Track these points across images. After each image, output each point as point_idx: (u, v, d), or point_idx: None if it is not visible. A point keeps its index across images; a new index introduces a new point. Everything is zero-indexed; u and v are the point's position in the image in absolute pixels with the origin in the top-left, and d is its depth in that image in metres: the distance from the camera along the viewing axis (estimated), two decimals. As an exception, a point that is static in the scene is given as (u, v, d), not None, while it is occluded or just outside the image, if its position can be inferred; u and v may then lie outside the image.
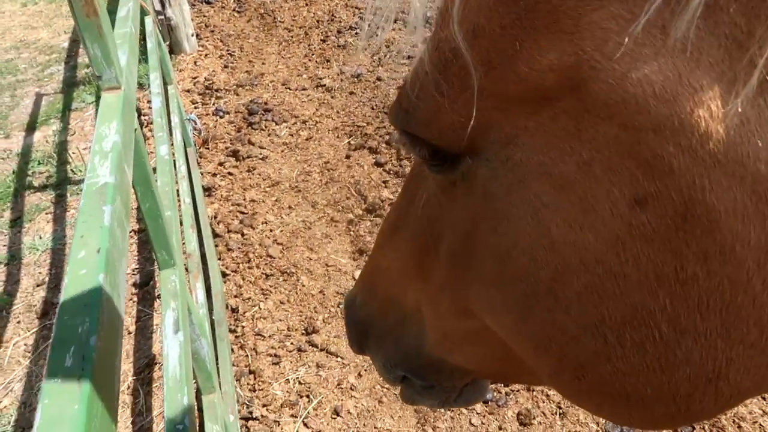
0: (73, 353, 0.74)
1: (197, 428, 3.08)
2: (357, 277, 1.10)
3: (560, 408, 2.99)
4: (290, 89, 6.25)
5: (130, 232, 4.76)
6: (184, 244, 3.50)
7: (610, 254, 0.55)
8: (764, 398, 2.88)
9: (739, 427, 2.77)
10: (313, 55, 6.91)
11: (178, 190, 3.85)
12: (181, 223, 3.67)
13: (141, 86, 6.38)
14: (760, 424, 2.77)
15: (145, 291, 4.14)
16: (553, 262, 0.59)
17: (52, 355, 0.75)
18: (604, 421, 2.89)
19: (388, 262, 0.92)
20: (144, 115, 5.88)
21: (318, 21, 7.69)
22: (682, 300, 0.54)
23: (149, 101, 4.44)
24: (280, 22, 7.75)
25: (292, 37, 7.39)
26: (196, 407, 2.69)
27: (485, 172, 0.63)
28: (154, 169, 2.66)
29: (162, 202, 2.01)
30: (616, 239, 0.54)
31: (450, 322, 0.81)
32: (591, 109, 0.54)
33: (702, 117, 0.49)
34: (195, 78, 6.56)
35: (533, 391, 3.08)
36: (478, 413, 3.04)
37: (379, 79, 6.18)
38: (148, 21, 4.20)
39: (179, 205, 3.66)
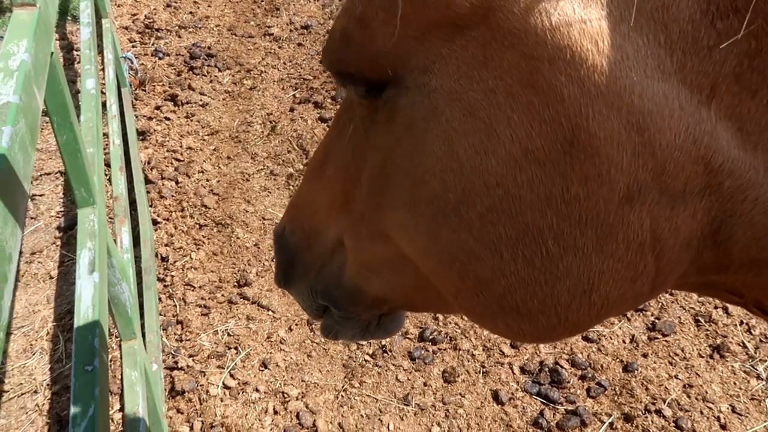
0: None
1: (110, 373, 3.00)
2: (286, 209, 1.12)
3: (484, 367, 3.09)
4: (236, 35, 6.00)
5: (56, 173, 4.51)
6: (111, 186, 3.34)
7: (508, 177, 0.61)
8: (671, 363, 3.07)
9: (647, 389, 2.94)
10: (262, 1, 6.64)
11: (107, 132, 3.66)
12: (109, 165, 3.50)
13: (75, 19, 5.98)
14: (665, 387, 2.95)
15: (70, 235, 3.95)
16: (460, 184, 0.64)
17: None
18: (523, 380, 3.01)
19: (315, 193, 0.95)
20: (77, 50, 5.52)
21: (270, -34, 7.37)
22: (566, 218, 0.61)
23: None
24: (229, -37, 7.38)
25: (241, -20, 7.06)
26: (108, 352, 2.62)
27: (405, 99, 0.67)
28: (79, 105, 2.50)
29: (83, 138, 1.89)
30: (514, 163, 0.60)
31: (368, 249, 0.85)
32: (497, 38, 0.58)
33: (590, 50, 0.55)
34: (135, 15, 6.19)
35: (459, 350, 3.16)
36: (405, 370, 3.10)
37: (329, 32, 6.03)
38: (82, -54, 3.89)
39: (108, 146, 3.48)
